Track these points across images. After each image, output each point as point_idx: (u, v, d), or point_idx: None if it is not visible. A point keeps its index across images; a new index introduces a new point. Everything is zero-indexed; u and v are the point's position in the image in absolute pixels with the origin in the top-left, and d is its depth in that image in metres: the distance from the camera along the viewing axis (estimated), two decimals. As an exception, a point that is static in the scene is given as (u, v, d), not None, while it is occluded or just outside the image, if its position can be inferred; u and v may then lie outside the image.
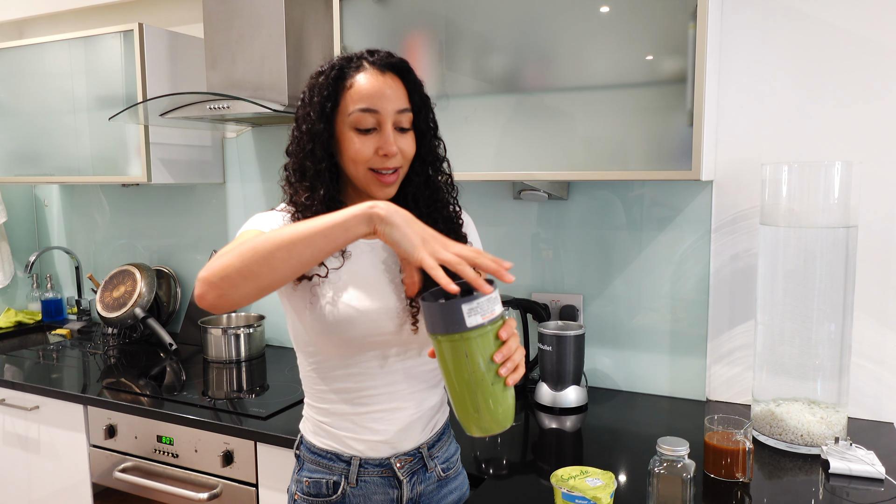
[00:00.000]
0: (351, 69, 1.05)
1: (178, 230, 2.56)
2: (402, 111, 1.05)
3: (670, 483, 1.13)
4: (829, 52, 1.57)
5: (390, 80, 1.05)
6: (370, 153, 1.04)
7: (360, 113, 1.03)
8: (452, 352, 0.88)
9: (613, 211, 1.82)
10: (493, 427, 0.92)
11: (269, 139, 2.33)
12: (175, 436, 1.73)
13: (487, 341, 0.89)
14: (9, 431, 2.07)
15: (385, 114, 1.04)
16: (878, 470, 1.29)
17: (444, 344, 0.88)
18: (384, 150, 1.03)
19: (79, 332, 2.63)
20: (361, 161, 1.04)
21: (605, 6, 1.45)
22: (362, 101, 1.03)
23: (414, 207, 1.09)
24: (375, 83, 1.04)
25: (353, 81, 1.04)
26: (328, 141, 1.04)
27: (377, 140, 1.04)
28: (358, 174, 1.06)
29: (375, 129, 1.04)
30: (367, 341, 1.06)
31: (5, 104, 2.40)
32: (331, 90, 1.04)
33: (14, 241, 2.84)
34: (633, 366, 1.84)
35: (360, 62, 1.05)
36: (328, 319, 1.04)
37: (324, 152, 1.04)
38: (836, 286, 1.41)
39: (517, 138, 1.57)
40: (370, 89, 1.03)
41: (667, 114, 1.42)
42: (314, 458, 1.14)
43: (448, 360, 0.89)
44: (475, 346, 0.88)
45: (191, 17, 2.40)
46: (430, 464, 1.16)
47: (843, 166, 1.38)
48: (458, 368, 0.88)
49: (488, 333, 0.89)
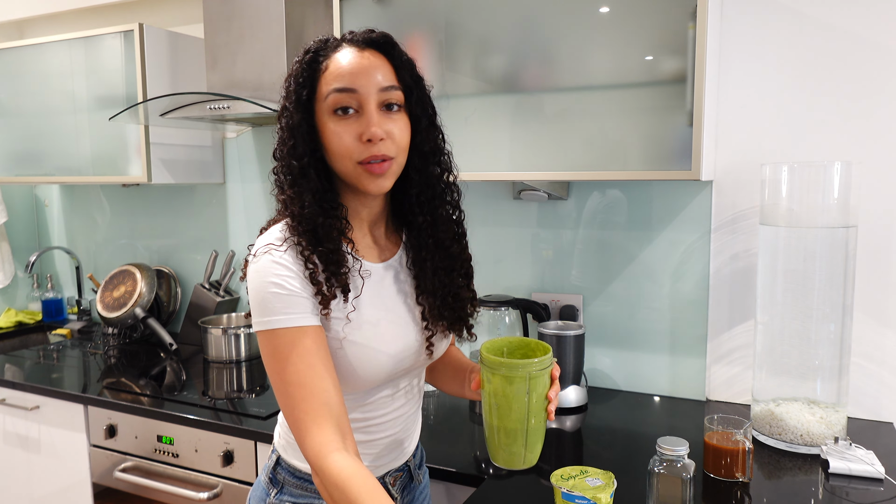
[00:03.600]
0: (328, 50, 0.94)
1: (179, 230, 2.56)
2: (386, 88, 0.92)
3: (670, 483, 1.13)
4: (828, 52, 1.57)
5: (371, 55, 0.93)
6: (352, 141, 0.91)
7: (336, 94, 0.91)
8: (515, 388, 0.90)
9: (613, 211, 1.82)
10: (533, 459, 0.95)
11: (269, 139, 2.33)
12: (175, 436, 1.73)
13: (545, 380, 0.92)
14: (9, 431, 2.07)
15: (365, 92, 0.91)
16: (878, 470, 1.29)
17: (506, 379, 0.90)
18: (367, 134, 0.90)
19: (79, 331, 2.63)
20: (346, 153, 0.91)
21: (605, 6, 1.45)
22: (337, 81, 0.91)
23: (419, 212, 1.01)
24: (353, 59, 0.92)
25: (328, 62, 0.93)
26: (308, 133, 0.93)
27: (358, 124, 0.91)
28: (346, 169, 0.93)
29: (356, 112, 0.92)
30: (391, 378, 1.03)
31: (5, 104, 2.41)
32: (306, 76, 0.93)
33: (14, 241, 2.84)
34: (633, 366, 1.84)
35: (337, 42, 0.95)
36: (354, 365, 0.96)
37: (305, 147, 0.93)
38: (835, 286, 1.41)
39: (517, 138, 1.57)
40: (346, 66, 0.91)
41: (667, 114, 1.42)
42: (300, 482, 1.06)
43: (508, 395, 0.90)
44: (539, 383, 0.90)
45: (191, 17, 2.40)
46: (416, 474, 1.16)
47: (842, 166, 1.38)
48: (518, 404, 0.90)
49: (547, 372, 0.92)
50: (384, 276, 1.02)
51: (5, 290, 2.85)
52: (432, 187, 1.01)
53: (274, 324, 0.90)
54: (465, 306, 1.05)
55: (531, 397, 0.90)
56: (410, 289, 1.04)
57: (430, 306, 1.02)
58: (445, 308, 1.03)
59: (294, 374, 0.88)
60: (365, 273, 0.98)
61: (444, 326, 1.05)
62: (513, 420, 0.91)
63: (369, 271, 1.00)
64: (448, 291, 1.02)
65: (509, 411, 0.90)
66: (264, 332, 0.91)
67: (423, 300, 1.02)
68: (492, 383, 0.91)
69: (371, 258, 1.02)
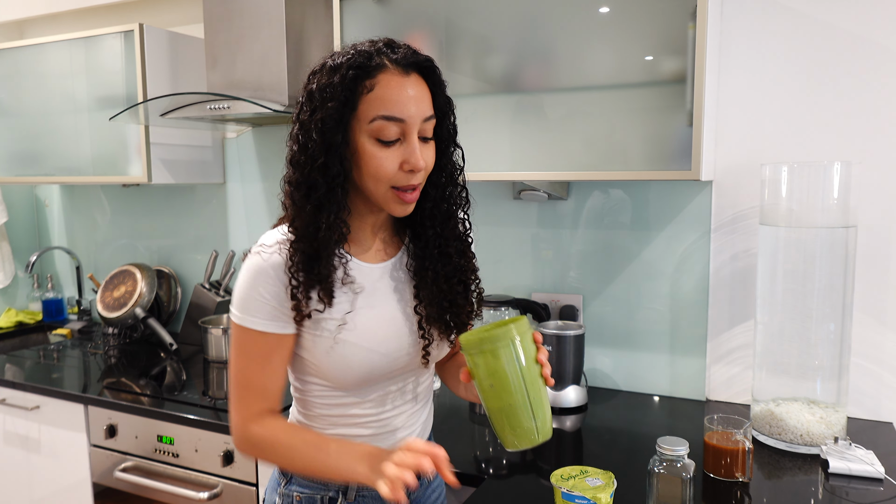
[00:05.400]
0: (371, 68, 0.91)
1: (179, 230, 2.56)
2: (428, 119, 0.94)
3: (670, 483, 1.14)
4: (828, 52, 1.57)
5: (415, 81, 0.93)
6: (394, 168, 0.92)
7: (382, 121, 0.90)
8: (503, 360, 0.88)
9: (613, 211, 1.82)
10: (546, 431, 0.92)
11: (269, 139, 2.33)
12: (175, 435, 1.73)
13: (530, 345, 0.91)
14: (9, 431, 2.07)
15: (411, 123, 0.92)
16: (878, 470, 1.30)
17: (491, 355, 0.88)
18: (410, 165, 0.92)
19: (79, 331, 2.63)
20: (384, 178, 0.92)
21: (605, 6, 1.45)
22: (385, 108, 0.90)
23: (430, 225, 1.02)
24: (400, 87, 0.91)
25: (373, 83, 0.91)
26: (345, 153, 0.91)
27: (401, 153, 0.92)
28: (378, 192, 0.94)
29: (399, 139, 0.92)
30: (385, 377, 1.05)
31: (6, 104, 2.41)
32: (348, 93, 0.90)
33: (15, 241, 2.84)
34: (632, 366, 1.84)
35: (380, 59, 0.91)
36: (348, 363, 0.99)
37: (340, 167, 0.91)
38: (835, 286, 1.41)
39: (517, 138, 1.57)
40: (395, 94, 0.90)
41: (666, 114, 1.42)
42: None
43: (498, 371, 0.89)
44: (524, 349, 0.89)
45: (191, 17, 2.40)
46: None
47: (842, 166, 1.38)
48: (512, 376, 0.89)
49: (528, 335, 0.91)
50: (383, 276, 1.04)
51: (5, 290, 2.85)
52: (446, 202, 1.03)
53: (242, 321, 0.97)
54: (461, 313, 1.06)
55: (521, 364, 0.89)
56: (409, 292, 1.06)
57: (428, 312, 1.04)
58: (443, 314, 1.05)
59: (244, 369, 0.99)
60: (362, 276, 1.01)
61: (440, 332, 1.06)
62: (511, 394, 0.89)
63: (369, 273, 1.02)
64: (445, 297, 1.04)
65: (505, 386, 0.89)
66: (233, 322, 0.99)
67: (421, 308, 1.04)
68: (479, 366, 0.90)
69: (373, 259, 1.05)
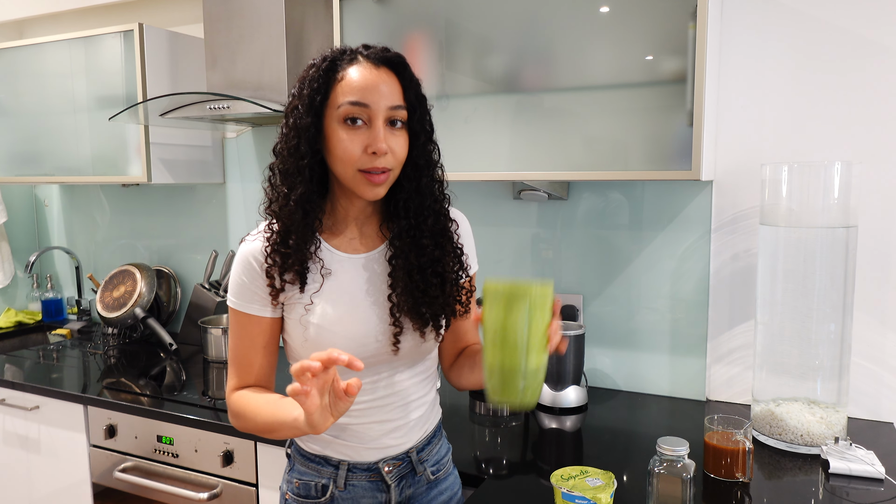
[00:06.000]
0: (344, 61, 1.01)
1: (178, 230, 2.56)
2: (394, 108, 1.00)
3: (670, 483, 1.13)
4: (828, 52, 1.57)
5: (384, 74, 1.01)
6: (358, 151, 0.99)
7: (349, 106, 0.98)
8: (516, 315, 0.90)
9: (613, 211, 1.82)
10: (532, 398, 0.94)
11: (269, 139, 2.33)
12: (175, 436, 1.73)
13: (546, 312, 0.93)
14: (9, 431, 2.07)
15: (376, 109, 0.99)
16: (878, 470, 1.30)
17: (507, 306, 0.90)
18: (373, 147, 0.98)
19: (79, 332, 2.63)
20: (350, 160, 1.00)
21: (605, 6, 1.45)
22: (352, 94, 0.99)
23: (404, 216, 1.07)
24: (368, 76, 0.99)
25: (344, 73, 1.00)
26: (315, 136, 1.00)
27: (366, 137, 0.99)
28: (346, 174, 1.01)
29: (365, 124, 1.00)
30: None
31: (5, 104, 2.40)
32: (321, 82, 1.00)
33: (14, 241, 2.84)
34: (633, 366, 1.84)
35: (354, 55, 1.02)
36: (319, 345, 1.04)
37: (308, 148, 1.00)
38: (835, 286, 1.41)
39: (517, 138, 1.57)
40: (362, 81, 0.99)
41: (667, 114, 1.42)
42: (303, 459, 1.15)
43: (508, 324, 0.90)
44: (538, 313, 0.91)
45: (191, 17, 2.40)
46: (419, 468, 1.16)
47: (842, 166, 1.38)
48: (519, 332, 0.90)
49: (548, 302, 0.93)
50: (355, 265, 1.10)
51: (5, 290, 2.85)
52: (420, 195, 1.08)
53: (232, 304, 1.10)
54: (434, 304, 1.08)
55: (531, 326, 0.90)
56: (385, 282, 1.10)
57: (400, 301, 1.07)
58: (417, 304, 1.07)
59: (234, 346, 1.11)
60: (335, 264, 1.08)
61: (413, 322, 1.08)
62: (510, 352, 0.90)
63: (341, 262, 1.09)
64: (417, 287, 1.07)
65: (507, 342, 0.90)
66: (228, 305, 1.11)
67: (394, 297, 1.08)
68: (493, 311, 0.91)
69: (346, 249, 1.10)
